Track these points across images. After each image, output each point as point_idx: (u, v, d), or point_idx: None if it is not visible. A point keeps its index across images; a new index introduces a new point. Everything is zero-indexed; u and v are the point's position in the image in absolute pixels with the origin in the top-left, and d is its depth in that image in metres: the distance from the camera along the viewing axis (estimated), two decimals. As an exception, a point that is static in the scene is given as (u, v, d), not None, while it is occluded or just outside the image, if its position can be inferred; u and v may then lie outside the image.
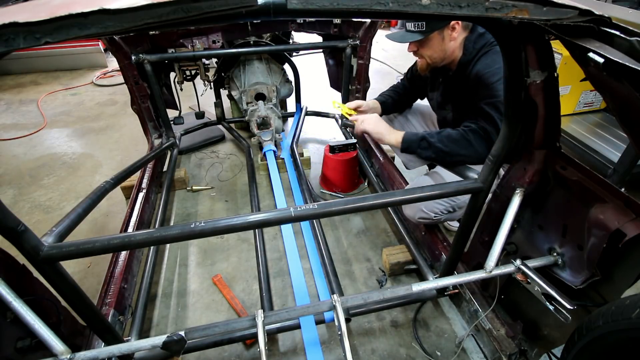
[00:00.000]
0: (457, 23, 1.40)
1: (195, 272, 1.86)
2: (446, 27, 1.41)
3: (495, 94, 1.34)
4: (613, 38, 0.66)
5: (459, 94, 1.53)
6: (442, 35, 1.43)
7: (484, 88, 1.38)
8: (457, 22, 1.40)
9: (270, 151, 2.51)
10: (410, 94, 1.96)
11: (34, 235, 0.83)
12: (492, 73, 1.36)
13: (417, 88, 1.92)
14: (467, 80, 1.46)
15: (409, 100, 2.01)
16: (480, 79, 1.39)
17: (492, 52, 1.41)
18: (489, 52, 1.41)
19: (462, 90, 1.50)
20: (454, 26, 1.41)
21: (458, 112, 1.57)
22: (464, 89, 1.48)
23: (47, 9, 0.52)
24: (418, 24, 1.40)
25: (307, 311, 1.13)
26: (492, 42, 1.43)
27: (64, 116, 3.59)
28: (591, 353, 0.94)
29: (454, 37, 1.43)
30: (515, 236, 1.27)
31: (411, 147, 1.49)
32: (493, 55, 1.40)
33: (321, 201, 1.44)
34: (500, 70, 1.31)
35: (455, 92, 1.56)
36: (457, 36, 1.43)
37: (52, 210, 2.31)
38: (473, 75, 1.43)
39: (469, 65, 1.45)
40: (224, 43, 2.42)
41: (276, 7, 0.59)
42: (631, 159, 1.96)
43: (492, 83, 1.35)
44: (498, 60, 1.36)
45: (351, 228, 2.13)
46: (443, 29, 1.42)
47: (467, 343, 1.50)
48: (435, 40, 1.45)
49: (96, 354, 0.98)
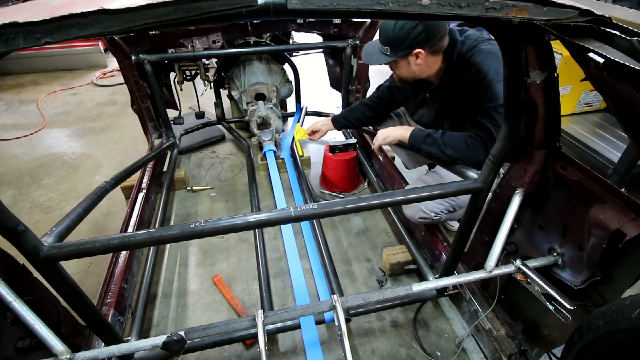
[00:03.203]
0: (420, 53, 1.36)
1: (195, 272, 1.86)
2: (410, 54, 1.37)
3: (489, 97, 1.32)
4: (613, 38, 0.66)
5: (455, 106, 1.50)
6: (407, 61, 1.41)
7: (477, 91, 1.36)
8: (420, 52, 1.36)
9: (270, 151, 2.51)
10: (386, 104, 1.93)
11: (34, 235, 0.83)
12: (485, 73, 1.34)
13: (395, 100, 1.88)
14: (457, 85, 1.44)
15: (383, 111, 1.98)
16: (473, 81, 1.37)
17: (478, 53, 1.38)
18: (474, 54, 1.38)
19: (457, 100, 1.47)
20: (418, 55, 1.36)
21: (456, 125, 1.52)
22: (458, 98, 1.46)
23: (47, 9, 0.52)
24: (384, 47, 1.39)
25: (307, 311, 1.13)
26: (474, 45, 1.40)
27: (64, 116, 3.59)
28: (591, 353, 0.94)
29: (419, 63, 1.40)
30: (515, 236, 1.27)
31: (417, 143, 1.49)
32: (480, 55, 1.36)
33: (321, 201, 1.44)
34: (492, 70, 1.32)
35: (450, 105, 1.52)
36: (422, 62, 1.40)
37: (52, 210, 2.31)
38: (464, 78, 1.40)
39: (457, 70, 1.43)
40: (224, 43, 2.42)
41: (276, 7, 0.59)
42: (631, 159, 1.96)
43: (486, 85, 1.33)
44: (489, 59, 1.34)
45: (351, 228, 2.13)
46: (406, 56, 1.38)
47: (467, 343, 1.50)
48: (401, 63, 1.43)
49: (96, 354, 0.98)
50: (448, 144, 1.39)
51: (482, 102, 1.35)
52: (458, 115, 1.50)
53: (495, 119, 1.32)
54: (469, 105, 1.42)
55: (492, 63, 1.33)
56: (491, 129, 1.33)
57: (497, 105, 1.31)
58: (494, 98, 1.31)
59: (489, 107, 1.33)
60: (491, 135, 1.33)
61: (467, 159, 1.36)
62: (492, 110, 1.32)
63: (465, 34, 1.44)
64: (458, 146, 1.37)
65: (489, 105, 1.32)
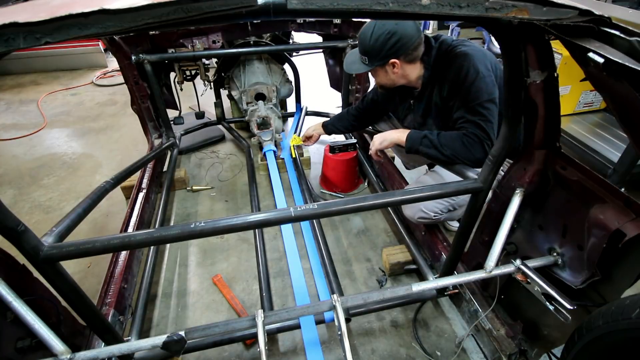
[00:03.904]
0: (396, 63, 1.41)
1: (195, 272, 1.86)
2: (386, 64, 1.42)
3: (473, 96, 1.34)
4: (613, 38, 0.66)
5: (439, 109, 1.51)
6: (385, 70, 1.46)
7: (460, 92, 1.38)
8: (395, 62, 1.41)
9: (270, 151, 2.51)
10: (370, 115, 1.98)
11: (34, 235, 0.83)
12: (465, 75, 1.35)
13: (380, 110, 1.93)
14: (439, 89, 1.47)
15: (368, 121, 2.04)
16: (454, 83, 1.39)
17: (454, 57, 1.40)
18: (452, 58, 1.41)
19: (440, 103, 1.49)
20: (394, 64, 1.42)
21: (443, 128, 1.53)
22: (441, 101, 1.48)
23: (47, 9, 0.52)
24: (362, 56, 1.45)
25: (307, 311, 1.13)
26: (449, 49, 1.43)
27: (64, 116, 3.59)
28: (591, 353, 0.94)
29: (396, 72, 1.45)
30: (515, 236, 1.27)
31: (414, 146, 1.50)
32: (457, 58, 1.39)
33: (321, 201, 1.44)
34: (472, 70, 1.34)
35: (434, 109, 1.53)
36: (399, 71, 1.45)
37: (52, 210, 2.31)
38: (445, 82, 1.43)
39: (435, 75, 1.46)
40: (224, 43, 2.42)
41: (276, 7, 0.59)
42: (631, 159, 1.96)
43: (468, 84, 1.35)
44: (466, 59, 1.36)
45: (351, 228, 2.13)
46: (384, 65, 1.43)
47: (467, 343, 1.50)
48: (379, 72, 1.49)
49: (96, 354, 0.98)
50: (445, 144, 1.39)
51: (468, 101, 1.36)
52: (443, 118, 1.52)
53: (484, 115, 1.34)
54: (453, 107, 1.43)
55: (470, 63, 1.36)
56: (483, 125, 1.34)
57: (483, 102, 1.33)
58: (478, 96, 1.33)
59: (475, 105, 1.34)
60: (484, 131, 1.34)
61: (465, 157, 1.36)
62: (479, 107, 1.34)
63: (439, 40, 1.48)
64: (454, 146, 1.38)
65: (475, 103, 1.34)
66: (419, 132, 1.50)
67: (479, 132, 1.34)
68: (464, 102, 1.38)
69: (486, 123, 1.34)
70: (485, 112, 1.33)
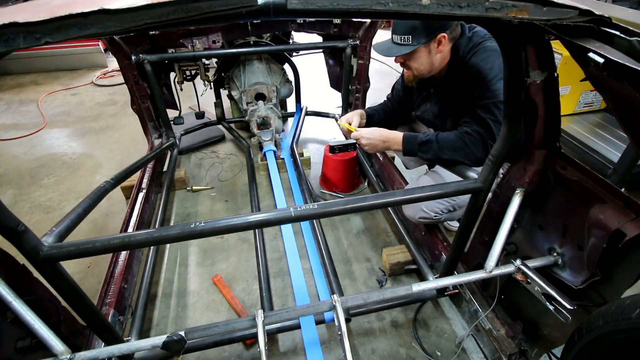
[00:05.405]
0: (444, 37, 1.35)
1: (195, 272, 1.86)
2: (432, 41, 1.36)
3: (491, 94, 1.33)
4: (613, 38, 0.66)
5: (458, 102, 1.48)
6: (429, 49, 1.39)
7: (479, 87, 1.36)
8: (444, 36, 1.35)
9: (270, 151, 2.51)
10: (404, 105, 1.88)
11: (34, 235, 0.83)
12: (488, 70, 1.34)
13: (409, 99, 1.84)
14: (461, 80, 1.43)
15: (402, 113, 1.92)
16: (476, 77, 1.37)
17: (482, 50, 1.38)
18: (479, 51, 1.38)
19: (458, 95, 1.46)
20: (440, 40, 1.36)
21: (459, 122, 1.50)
22: (459, 93, 1.45)
23: (47, 9, 0.52)
24: (404, 36, 1.35)
25: (307, 311, 1.13)
26: (480, 41, 1.39)
27: (64, 116, 3.59)
28: (591, 353, 0.94)
29: (440, 50, 1.39)
30: (515, 236, 1.27)
31: (412, 151, 1.49)
32: (485, 52, 1.36)
33: (321, 201, 1.44)
34: (496, 68, 1.32)
35: (453, 102, 1.51)
36: (443, 49, 1.39)
37: (52, 210, 2.31)
38: (468, 74, 1.40)
39: (461, 65, 1.42)
40: (224, 43, 2.42)
41: (276, 7, 0.59)
42: (631, 159, 1.96)
43: (488, 81, 1.33)
44: (493, 56, 1.35)
45: (351, 228, 2.13)
46: (429, 42, 1.36)
47: (467, 343, 1.50)
48: (422, 52, 1.40)
49: (96, 354, 0.98)
50: (444, 147, 1.39)
51: (483, 98, 1.35)
52: (461, 112, 1.49)
53: (496, 115, 1.32)
54: (471, 102, 1.41)
55: (496, 60, 1.33)
56: (491, 124, 1.33)
57: (498, 102, 1.31)
58: (495, 95, 1.32)
59: (489, 103, 1.33)
60: (490, 131, 1.33)
61: (466, 157, 1.36)
62: (493, 106, 1.32)
63: (473, 30, 1.44)
64: (454, 147, 1.37)
65: (490, 102, 1.32)
66: (414, 135, 1.49)
67: (484, 131, 1.34)
68: (479, 97, 1.35)
69: (495, 124, 1.32)
70: (497, 113, 1.32)
